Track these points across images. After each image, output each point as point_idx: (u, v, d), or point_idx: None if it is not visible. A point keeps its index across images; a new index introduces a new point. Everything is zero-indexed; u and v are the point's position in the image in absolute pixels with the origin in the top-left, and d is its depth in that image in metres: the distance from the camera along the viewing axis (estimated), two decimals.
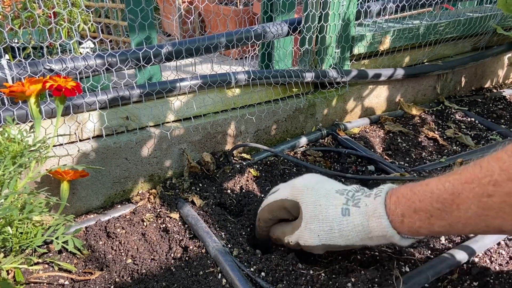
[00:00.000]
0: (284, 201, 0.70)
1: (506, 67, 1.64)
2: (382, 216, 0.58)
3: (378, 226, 0.58)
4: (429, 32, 1.29)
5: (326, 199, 0.65)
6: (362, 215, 0.60)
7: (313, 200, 0.66)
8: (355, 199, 0.63)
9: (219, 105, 1.03)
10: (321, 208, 0.64)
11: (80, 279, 0.72)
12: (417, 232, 0.56)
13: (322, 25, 1.08)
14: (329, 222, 0.63)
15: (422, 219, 0.54)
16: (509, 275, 0.72)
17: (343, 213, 0.62)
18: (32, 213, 0.66)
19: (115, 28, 1.97)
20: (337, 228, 0.62)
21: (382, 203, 0.58)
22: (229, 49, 1.23)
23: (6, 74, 0.77)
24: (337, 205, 0.63)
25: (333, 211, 0.63)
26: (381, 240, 0.60)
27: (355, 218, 0.61)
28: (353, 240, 0.62)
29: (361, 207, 0.61)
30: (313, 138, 1.17)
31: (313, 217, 0.64)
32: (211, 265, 0.73)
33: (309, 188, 0.68)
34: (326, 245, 0.64)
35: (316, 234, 0.64)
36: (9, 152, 0.67)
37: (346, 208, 0.62)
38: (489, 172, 0.47)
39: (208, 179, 0.97)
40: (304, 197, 0.67)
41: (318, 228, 0.64)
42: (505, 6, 1.17)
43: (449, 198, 0.50)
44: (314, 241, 0.64)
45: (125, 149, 0.90)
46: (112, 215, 0.88)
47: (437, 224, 0.53)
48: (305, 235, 0.65)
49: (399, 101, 1.37)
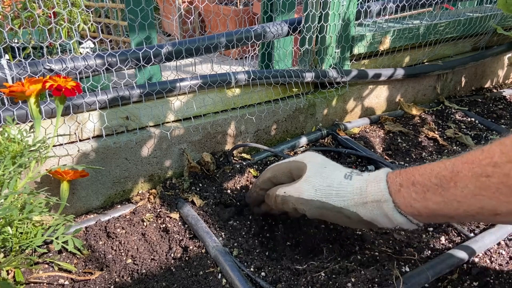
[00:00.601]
0: (291, 162, 0.72)
1: (506, 67, 1.64)
2: (381, 180, 0.60)
3: (375, 189, 0.59)
4: (429, 32, 1.29)
5: (333, 166, 0.68)
6: (363, 181, 0.62)
7: (320, 162, 0.69)
8: (359, 173, 0.66)
9: (219, 105, 1.03)
10: (326, 169, 0.67)
11: (80, 279, 0.72)
12: (410, 207, 0.57)
13: (322, 25, 1.08)
14: (330, 180, 0.64)
15: (418, 192, 0.55)
16: (509, 275, 0.72)
17: (346, 177, 0.64)
18: (32, 213, 0.66)
19: (115, 28, 1.97)
20: (336, 186, 0.64)
21: (384, 172, 0.61)
22: (229, 49, 1.23)
23: (6, 74, 0.77)
24: (342, 170, 0.66)
25: (337, 173, 0.66)
26: (374, 208, 0.60)
27: (355, 182, 0.63)
28: (347, 203, 0.62)
29: (363, 176, 0.64)
30: (313, 138, 1.17)
31: (317, 173, 0.66)
32: (211, 265, 0.73)
33: (320, 156, 0.72)
34: (321, 202, 0.64)
35: (314, 188, 0.65)
36: (9, 152, 0.67)
37: (350, 174, 0.65)
38: (490, 154, 0.48)
39: (208, 179, 0.97)
40: (312, 159, 0.70)
41: (318, 182, 0.65)
42: (505, 6, 1.17)
43: (447, 175, 0.52)
44: (310, 193, 0.65)
45: (125, 149, 0.90)
46: (112, 215, 0.88)
47: (432, 199, 0.54)
48: (303, 186, 0.66)
49: (399, 101, 1.37)
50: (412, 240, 0.80)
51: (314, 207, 0.65)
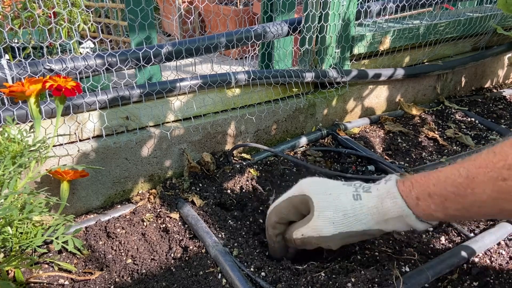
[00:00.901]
0: (292, 199, 0.67)
1: (506, 67, 1.64)
2: (396, 196, 0.58)
3: (394, 206, 0.58)
4: (429, 32, 1.29)
5: (335, 189, 0.65)
6: (375, 198, 0.60)
7: (322, 190, 0.65)
8: (364, 187, 0.63)
9: (219, 105, 1.03)
10: (332, 197, 0.63)
11: (80, 279, 0.72)
12: (432, 216, 0.56)
13: (322, 25, 1.08)
14: (343, 208, 0.62)
15: (437, 203, 0.54)
16: (509, 275, 0.72)
17: (355, 198, 0.62)
18: (32, 213, 0.66)
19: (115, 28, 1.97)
20: (351, 212, 0.61)
21: (395, 185, 0.59)
22: (229, 49, 1.23)
23: (6, 74, 0.77)
24: (347, 193, 0.63)
25: (344, 197, 0.62)
26: (397, 223, 0.60)
27: (368, 201, 0.61)
28: (369, 224, 0.61)
29: (372, 192, 0.61)
30: (313, 138, 1.17)
31: (326, 205, 0.63)
32: (211, 265, 0.73)
33: (316, 182, 0.68)
34: (343, 234, 0.62)
35: (331, 222, 0.62)
36: (9, 152, 0.67)
37: (357, 194, 0.62)
38: (503, 156, 0.48)
39: (208, 179, 0.97)
40: (312, 190, 0.66)
41: (332, 215, 0.62)
42: (505, 6, 1.17)
43: (464, 182, 0.51)
44: (329, 229, 0.62)
45: (125, 149, 0.90)
46: (112, 215, 0.88)
47: (452, 207, 0.53)
48: (319, 225, 0.63)
49: (399, 101, 1.37)
50: (412, 240, 0.80)
51: (338, 239, 0.63)
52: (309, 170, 1.02)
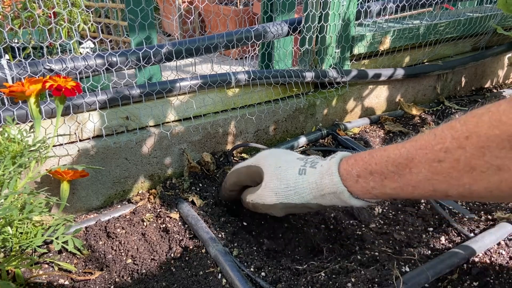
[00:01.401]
0: (250, 167, 0.75)
1: (506, 67, 1.64)
2: (334, 173, 0.61)
3: (330, 183, 0.62)
4: (429, 32, 1.29)
5: (286, 163, 0.69)
6: (317, 174, 0.64)
7: (274, 163, 0.71)
8: (313, 163, 0.67)
9: (219, 105, 1.03)
10: (280, 170, 0.69)
11: (80, 279, 0.72)
12: (369, 193, 0.59)
13: (322, 25, 1.08)
14: (286, 181, 0.67)
15: (376, 180, 0.57)
16: (509, 275, 0.72)
17: (300, 173, 0.66)
18: (32, 213, 0.66)
19: (115, 28, 1.97)
20: (293, 185, 0.66)
21: (336, 163, 0.63)
22: (229, 49, 1.23)
23: (6, 74, 0.77)
24: (295, 166, 0.68)
25: (291, 171, 0.67)
26: (332, 198, 0.63)
27: (310, 177, 0.65)
28: (307, 198, 0.65)
29: (317, 168, 0.65)
30: (313, 138, 1.17)
31: (273, 177, 0.68)
32: (211, 265, 0.73)
33: (272, 154, 0.74)
34: (284, 203, 0.67)
35: (274, 192, 0.68)
36: (9, 152, 0.67)
37: (303, 168, 0.66)
38: (442, 139, 0.50)
39: (208, 179, 0.97)
40: (266, 162, 0.72)
41: (276, 186, 0.67)
42: (505, 6, 1.17)
43: (403, 163, 0.54)
44: (272, 199, 0.68)
45: (125, 149, 0.90)
46: (112, 215, 0.88)
47: (389, 186, 0.56)
48: (264, 194, 0.69)
49: (399, 101, 1.37)
50: (412, 240, 0.80)
51: (279, 209, 0.70)
52: None
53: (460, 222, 0.86)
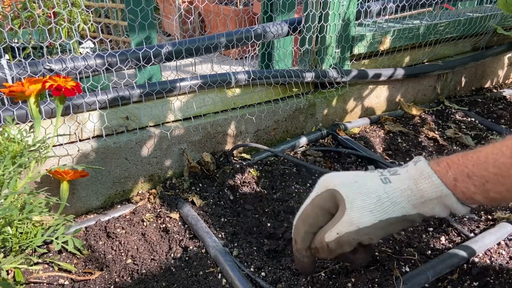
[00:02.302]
0: (316, 199, 0.59)
1: (506, 67, 1.64)
2: (431, 175, 0.52)
3: (430, 187, 0.52)
4: (429, 32, 1.29)
5: (360, 177, 0.58)
6: (407, 180, 0.54)
7: (346, 180, 0.57)
8: (390, 171, 0.57)
9: (219, 105, 1.03)
10: (358, 185, 0.56)
11: (80, 279, 0.72)
12: (471, 199, 0.52)
13: (322, 25, 1.08)
14: (374, 192, 0.55)
15: (476, 185, 0.50)
16: (509, 275, 0.72)
17: (384, 182, 0.55)
18: (32, 213, 0.66)
19: (115, 28, 1.97)
20: (385, 196, 0.54)
21: (427, 165, 0.53)
22: (229, 49, 1.23)
23: (6, 74, 0.77)
24: (373, 178, 0.57)
25: (372, 182, 0.56)
26: (435, 205, 0.53)
27: (400, 184, 0.54)
28: (407, 208, 0.54)
29: (401, 174, 0.55)
30: (313, 138, 1.17)
31: (355, 194, 0.55)
32: (211, 265, 0.73)
33: (337, 174, 0.60)
34: (383, 221, 0.54)
35: (368, 210, 0.54)
36: (9, 152, 0.67)
37: (385, 177, 0.56)
38: None
39: (208, 179, 0.97)
40: (336, 182, 0.58)
41: (367, 203, 0.54)
42: (505, 6, 1.17)
43: (508, 162, 0.47)
44: (368, 219, 0.54)
45: (125, 149, 0.90)
46: (112, 215, 0.88)
47: (494, 190, 0.49)
48: (355, 216, 0.54)
49: (399, 101, 1.37)
50: (412, 240, 0.80)
51: (379, 229, 0.55)
52: (309, 170, 1.02)
53: (460, 222, 0.86)
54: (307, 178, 1.00)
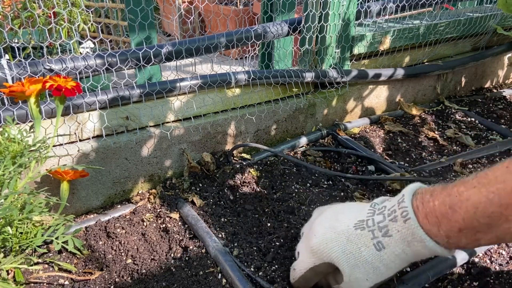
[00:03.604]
0: (314, 269, 0.64)
1: (506, 67, 1.64)
2: (424, 239, 0.53)
3: (425, 249, 0.55)
4: (429, 32, 1.29)
5: (351, 244, 0.60)
6: (400, 243, 0.56)
7: (341, 251, 0.61)
8: (382, 229, 0.58)
9: (219, 105, 1.03)
10: (353, 255, 0.60)
11: (80, 279, 0.72)
12: (462, 247, 0.55)
13: (322, 25, 1.08)
14: (370, 263, 0.59)
15: (468, 236, 0.51)
16: (509, 275, 0.72)
17: (378, 248, 0.58)
18: (32, 213, 0.66)
19: (115, 28, 1.97)
20: (381, 264, 0.58)
21: (418, 226, 0.54)
22: (229, 49, 1.23)
23: (6, 74, 0.77)
24: (367, 244, 0.59)
25: (367, 251, 0.59)
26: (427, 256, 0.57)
27: (394, 248, 0.57)
28: (401, 266, 0.59)
29: (393, 236, 0.57)
30: (313, 138, 1.17)
31: (352, 267, 0.60)
32: (211, 265, 0.73)
33: (328, 242, 0.62)
34: (378, 283, 0.61)
35: (364, 279, 0.60)
36: (9, 152, 0.67)
37: (378, 241, 0.58)
38: None
39: (208, 179, 0.97)
40: (330, 255, 0.61)
41: (363, 274, 0.60)
42: (505, 6, 1.17)
43: (497, 211, 0.48)
44: (365, 284, 0.60)
45: (125, 149, 0.90)
46: (112, 215, 0.88)
47: (484, 238, 0.51)
48: (354, 285, 0.61)
49: (399, 101, 1.37)
50: None
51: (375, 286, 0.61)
52: (309, 170, 1.02)
53: None
54: (307, 178, 1.00)
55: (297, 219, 0.85)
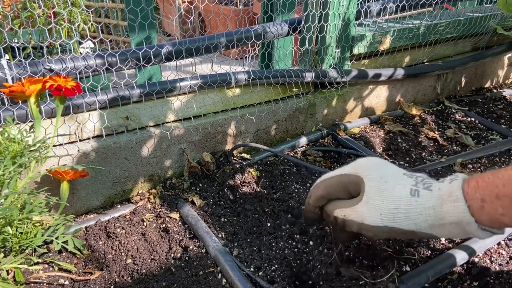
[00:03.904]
0: (344, 176, 0.61)
1: (506, 67, 1.64)
2: (459, 199, 0.50)
3: (454, 211, 0.51)
4: (429, 32, 1.29)
5: (393, 178, 0.57)
6: (435, 198, 0.53)
7: (378, 175, 0.58)
8: (426, 183, 0.55)
9: (219, 105, 1.03)
10: (387, 185, 0.56)
11: (80, 279, 0.72)
12: (498, 221, 0.50)
13: (322, 25, 1.08)
14: (396, 201, 0.54)
15: (505, 206, 0.48)
16: (509, 275, 0.72)
17: (412, 194, 0.54)
18: (32, 213, 0.66)
19: (115, 28, 1.97)
20: (404, 208, 0.54)
21: (459, 187, 0.51)
22: (229, 49, 1.23)
23: (6, 74, 0.77)
24: (405, 184, 0.55)
25: (400, 190, 0.55)
26: (454, 229, 0.52)
27: (426, 200, 0.53)
28: (421, 226, 0.54)
29: (433, 190, 0.54)
30: (313, 138, 1.17)
31: (378, 193, 0.56)
32: (211, 265, 0.73)
33: (374, 163, 0.60)
34: (388, 228, 0.55)
35: (379, 212, 0.55)
36: (9, 152, 0.67)
37: (416, 189, 0.55)
38: None
39: (208, 179, 0.97)
40: (368, 172, 0.59)
41: (382, 205, 0.55)
42: (505, 6, 1.17)
43: None
44: (375, 219, 0.55)
45: (125, 149, 0.90)
46: (112, 215, 0.88)
47: None
48: (365, 212, 0.56)
49: (399, 101, 1.37)
50: (412, 240, 0.80)
51: (381, 232, 0.57)
52: (309, 170, 1.02)
53: None
54: (307, 178, 1.00)
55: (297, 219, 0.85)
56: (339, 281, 0.67)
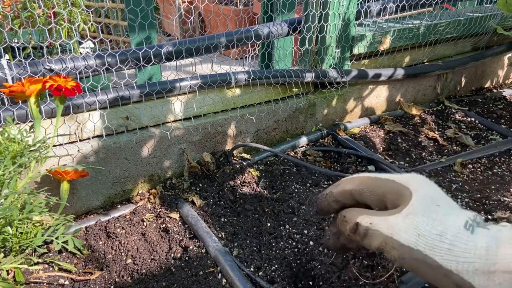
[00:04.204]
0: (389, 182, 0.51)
1: (506, 67, 1.64)
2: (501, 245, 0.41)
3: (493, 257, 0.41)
4: (429, 32, 1.29)
5: (447, 204, 0.48)
6: (491, 238, 0.43)
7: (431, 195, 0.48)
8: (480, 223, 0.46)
9: (219, 105, 1.03)
10: (438, 209, 0.46)
11: (80, 279, 0.72)
12: None
13: (322, 25, 1.08)
14: (443, 226, 0.45)
15: None
16: None
17: (467, 227, 0.45)
18: (32, 213, 0.66)
19: (115, 28, 1.97)
20: (450, 238, 0.44)
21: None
22: (229, 49, 1.23)
23: (6, 74, 0.77)
24: (460, 215, 0.46)
25: (454, 219, 0.46)
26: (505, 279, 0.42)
27: (479, 239, 0.43)
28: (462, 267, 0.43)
29: (490, 230, 0.44)
30: (313, 138, 1.17)
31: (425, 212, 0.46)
32: (211, 265, 0.73)
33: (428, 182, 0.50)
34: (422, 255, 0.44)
35: (417, 232, 0.45)
36: (9, 152, 0.67)
37: (471, 224, 0.45)
38: None
39: (208, 179, 0.97)
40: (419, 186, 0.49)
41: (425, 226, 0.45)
42: (505, 6, 1.17)
43: None
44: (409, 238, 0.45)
45: (125, 149, 0.90)
46: (112, 215, 0.88)
47: None
48: (400, 225, 0.46)
49: (399, 101, 1.37)
50: None
51: (409, 257, 0.45)
52: (309, 170, 1.02)
53: None
54: (307, 178, 1.00)
55: (297, 219, 0.85)
56: (339, 281, 0.67)
